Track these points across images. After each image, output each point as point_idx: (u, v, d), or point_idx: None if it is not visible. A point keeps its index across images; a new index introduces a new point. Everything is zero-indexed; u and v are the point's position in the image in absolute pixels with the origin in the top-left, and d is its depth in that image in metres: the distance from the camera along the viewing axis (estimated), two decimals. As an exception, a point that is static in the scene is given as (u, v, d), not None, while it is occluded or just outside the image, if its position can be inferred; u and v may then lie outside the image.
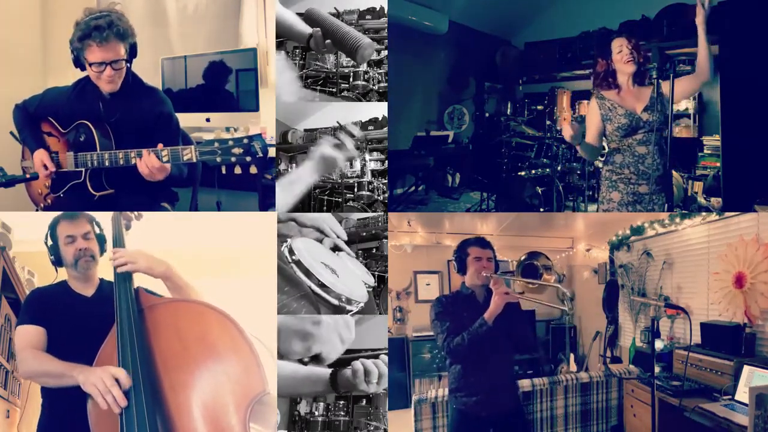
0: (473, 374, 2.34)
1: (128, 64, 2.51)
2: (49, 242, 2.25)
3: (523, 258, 2.14)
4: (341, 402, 2.61)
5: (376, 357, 1.88)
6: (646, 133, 2.63)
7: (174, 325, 1.93)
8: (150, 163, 2.29)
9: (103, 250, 2.29)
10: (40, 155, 2.53)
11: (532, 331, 2.50)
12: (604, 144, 2.80)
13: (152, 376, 1.80)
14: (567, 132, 2.56)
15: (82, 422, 1.78)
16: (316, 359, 2.22)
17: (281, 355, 2.28)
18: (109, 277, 2.26)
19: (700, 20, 2.51)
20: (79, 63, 2.45)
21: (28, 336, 2.05)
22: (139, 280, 2.10)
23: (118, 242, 2.23)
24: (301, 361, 2.25)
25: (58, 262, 2.25)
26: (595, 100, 2.72)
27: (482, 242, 2.45)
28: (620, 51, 2.62)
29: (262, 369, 1.86)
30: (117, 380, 1.75)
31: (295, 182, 2.18)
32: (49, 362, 1.94)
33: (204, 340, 1.89)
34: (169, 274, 2.14)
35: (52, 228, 2.26)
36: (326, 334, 2.19)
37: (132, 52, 2.49)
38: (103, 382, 1.72)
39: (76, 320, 2.11)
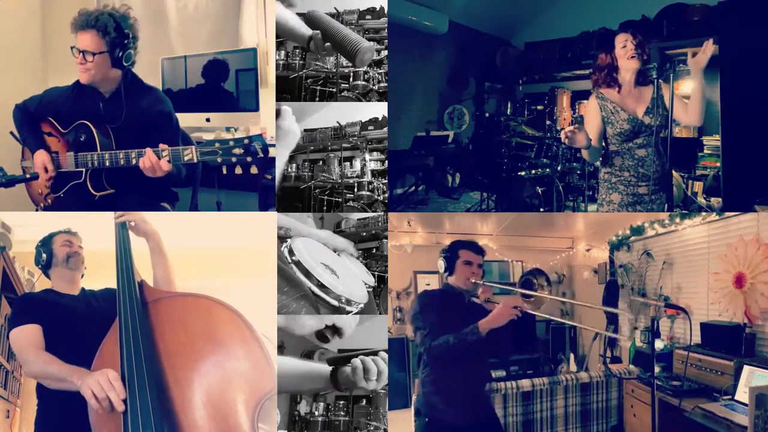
0: (447, 379, 2.20)
1: (123, 71, 2.51)
2: (41, 246, 2.33)
3: (522, 276, 2.15)
4: (341, 402, 2.61)
5: (376, 354, 1.87)
6: (647, 137, 2.60)
7: (180, 320, 1.89)
8: (153, 158, 2.31)
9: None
10: (42, 156, 2.53)
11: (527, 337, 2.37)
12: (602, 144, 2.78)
13: (157, 371, 1.77)
14: (576, 140, 2.45)
15: (76, 421, 1.77)
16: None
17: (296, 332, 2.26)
18: (90, 286, 2.34)
19: (696, 66, 2.44)
20: None
21: (26, 335, 2.05)
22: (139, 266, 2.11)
23: (124, 241, 2.22)
24: (320, 335, 2.23)
25: (47, 263, 2.30)
26: (595, 100, 2.65)
27: (475, 247, 2.37)
28: (624, 46, 2.56)
29: (273, 367, 1.83)
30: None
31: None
32: (52, 365, 1.94)
33: (212, 335, 1.84)
34: (156, 238, 2.25)
35: (48, 237, 2.35)
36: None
37: (117, 45, 2.45)
38: (100, 386, 1.71)
39: (68, 315, 2.14)
